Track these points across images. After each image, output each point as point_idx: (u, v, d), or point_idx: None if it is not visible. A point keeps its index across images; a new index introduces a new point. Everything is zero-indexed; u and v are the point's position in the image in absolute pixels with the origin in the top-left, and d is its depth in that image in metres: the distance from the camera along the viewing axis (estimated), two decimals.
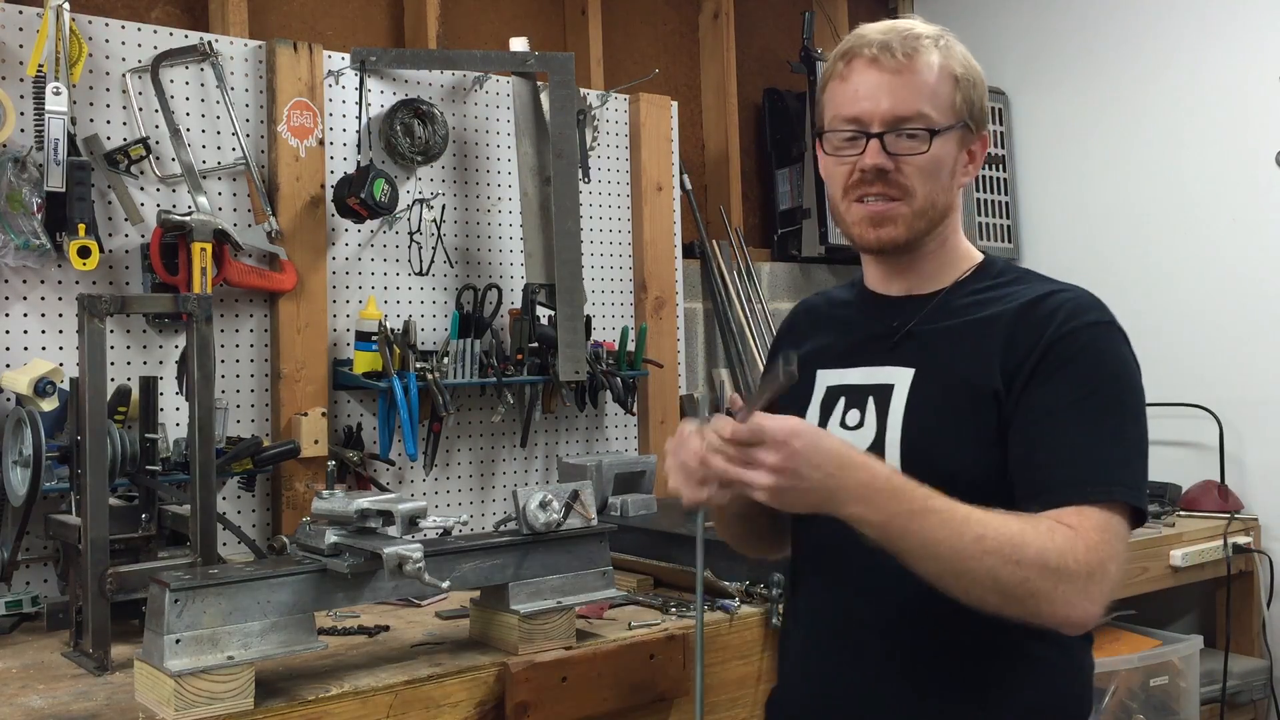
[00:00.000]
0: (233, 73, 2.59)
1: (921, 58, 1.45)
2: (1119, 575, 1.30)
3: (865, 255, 1.58)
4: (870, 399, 1.49)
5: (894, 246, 1.48)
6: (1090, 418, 1.36)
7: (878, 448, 1.45)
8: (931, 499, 1.27)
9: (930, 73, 1.45)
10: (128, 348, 2.46)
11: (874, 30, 1.48)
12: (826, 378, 1.56)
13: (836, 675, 1.50)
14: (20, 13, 2.35)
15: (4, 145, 2.28)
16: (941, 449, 1.42)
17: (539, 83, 2.96)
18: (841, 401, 1.52)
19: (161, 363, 2.49)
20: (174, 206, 2.49)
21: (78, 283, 2.37)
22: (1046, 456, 1.36)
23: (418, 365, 2.68)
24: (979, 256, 1.56)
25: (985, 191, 3.87)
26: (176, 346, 2.49)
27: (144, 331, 2.48)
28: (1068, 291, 1.46)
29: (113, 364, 2.34)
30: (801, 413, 1.54)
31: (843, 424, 1.50)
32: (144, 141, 2.45)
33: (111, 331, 2.38)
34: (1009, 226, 3.93)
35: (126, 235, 2.46)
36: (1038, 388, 1.39)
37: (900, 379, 1.47)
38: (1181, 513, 3.32)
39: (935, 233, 1.50)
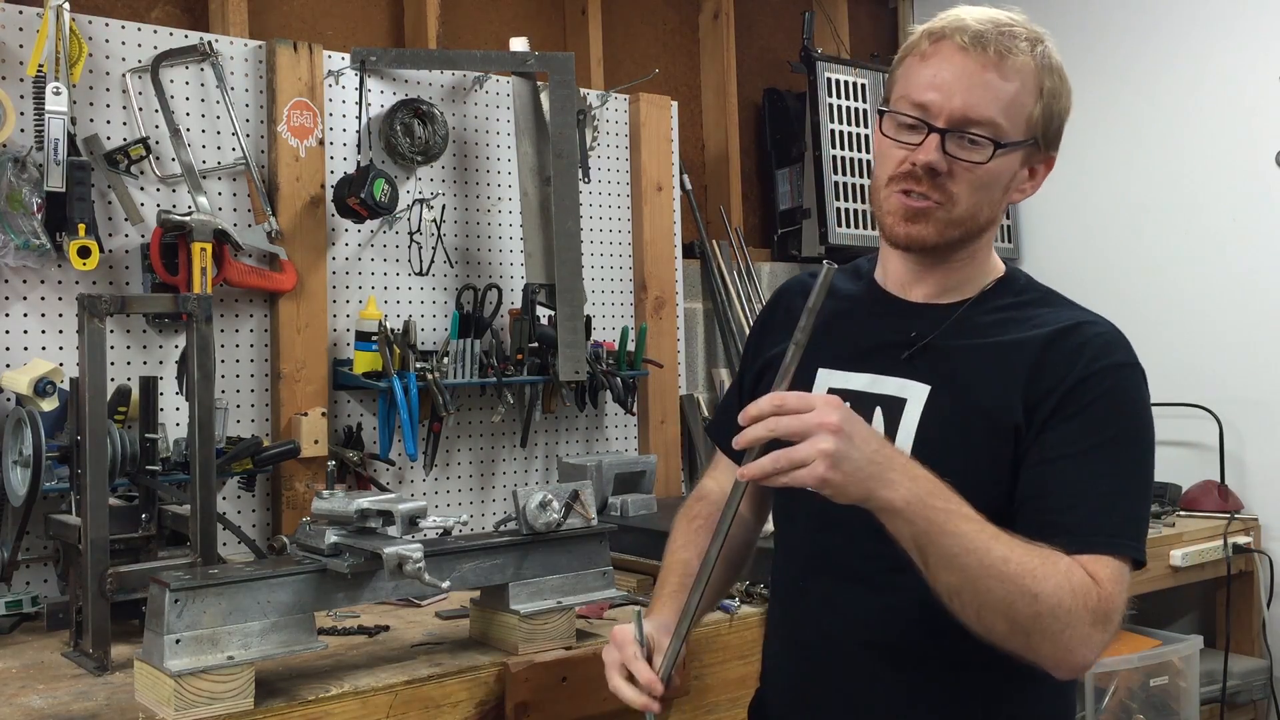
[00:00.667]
0: (233, 73, 2.59)
1: (1012, 60, 1.37)
2: (1119, 626, 1.29)
3: (888, 250, 1.52)
4: (878, 409, 1.43)
5: (921, 246, 1.42)
6: (1106, 466, 1.33)
7: None
8: (965, 505, 1.23)
9: (1016, 79, 1.37)
10: (128, 348, 2.46)
11: (972, 16, 1.39)
12: (829, 378, 1.49)
13: (821, 685, 1.49)
14: (20, 13, 2.35)
15: (4, 145, 2.28)
16: (952, 477, 1.34)
17: (539, 83, 2.96)
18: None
19: (161, 363, 2.49)
20: (174, 206, 2.49)
21: (78, 283, 2.37)
22: (1058, 500, 1.33)
23: (418, 365, 2.68)
24: (1002, 268, 1.51)
25: None
26: (176, 346, 2.49)
27: (144, 331, 2.48)
28: (1096, 325, 1.42)
29: (113, 364, 2.34)
30: None
31: None
32: (144, 141, 2.45)
33: (111, 331, 2.38)
34: (1009, 226, 3.93)
35: (126, 235, 2.46)
36: (1057, 427, 1.34)
37: (914, 394, 1.42)
38: (1181, 513, 3.32)
39: (969, 245, 1.44)
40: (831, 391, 1.48)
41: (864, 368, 1.47)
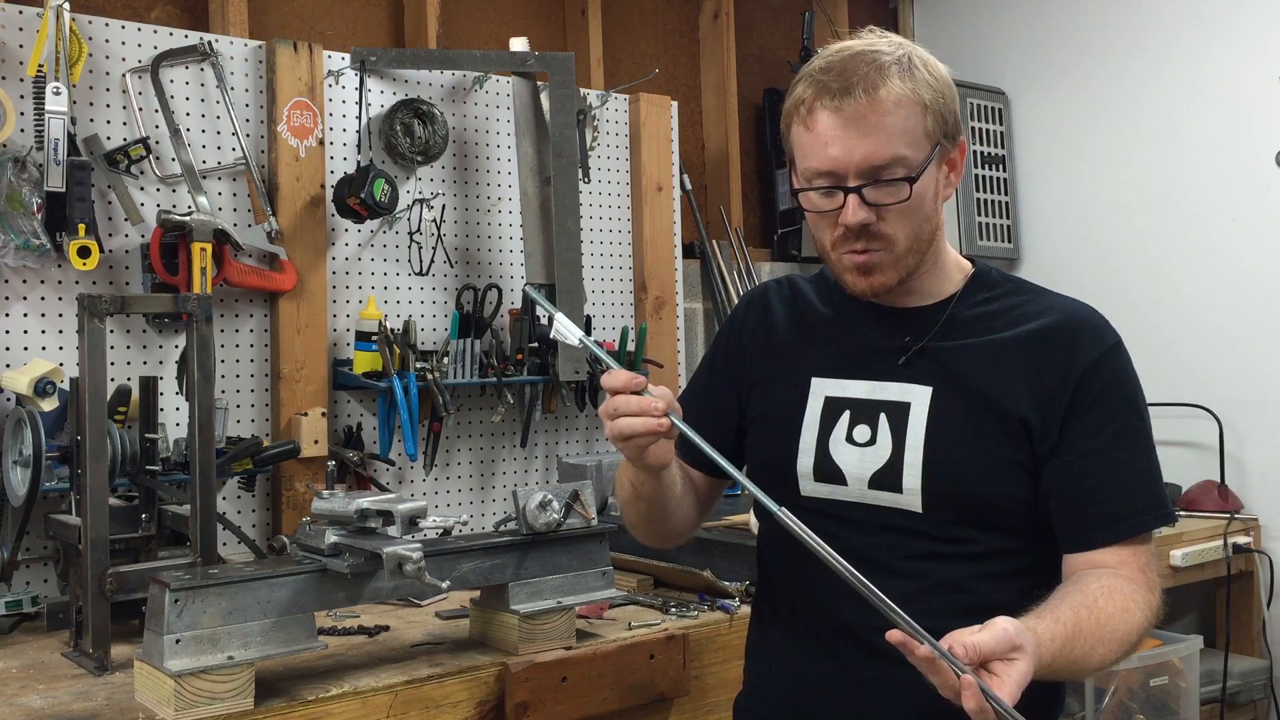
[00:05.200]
0: (233, 73, 2.59)
1: (886, 91, 1.36)
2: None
3: None
4: (883, 415, 1.46)
5: (886, 292, 1.46)
6: (1128, 450, 1.42)
7: (894, 467, 1.44)
8: (1061, 652, 1.27)
9: (899, 109, 1.37)
10: (128, 348, 2.46)
11: (833, 69, 1.39)
12: (824, 387, 1.51)
13: (837, 674, 1.49)
14: (20, 13, 2.35)
15: (4, 145, 2.28)
16: (968, 473, 1.42)
17: (539, 83, 2.96)
18: (846, 415, 1.49)
19: (161, 363, 2.49)
20: (174, 206, 2.49)
21: (78, 283, 2.37)
22: (1095, 494, 1.41)
23: (418, 365, 2.68)
24: (967, 265, 1.55)
25: (985, 191, 3.87)
26: (176, 346, 2.49)
27: (144, 331, 2.48)
28: (1078, 310, 1.48)
29: (113, 364, 2.35)
30: (796, 422, 1.51)
31: (849, 439, 1.48)
32: (144, 141, 2.45)
33: (111, 331, 2.38)
34: (1009, 226, 3.93)
35: (126, 235, 2.46)
36: (1077, 422, 1.41)
37: (917, 397, 1.45)
38: (1181, 513, 3.32)
39: (927, 256, 1.47)
40: (829, 400, 1.51)
41: (860, 375, 1.50)
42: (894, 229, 1.41)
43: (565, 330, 1.44)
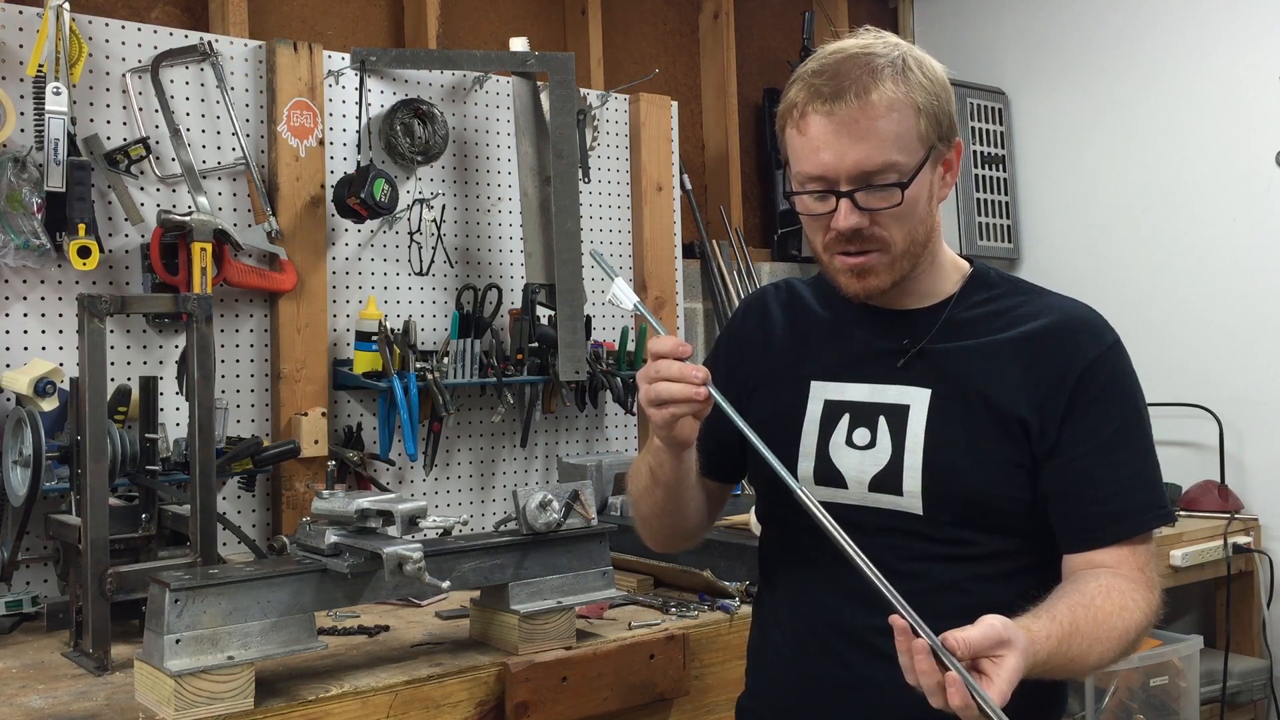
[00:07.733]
0: (233, 73, 2.59)
1: (879, 94, 1.35)
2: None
3: None
4: (882, 418, 1.46)
5: (880, 294, 1.45)
6: (1125, 451, 1.42)
7: (894, 469, 1.44)
8: (1057, 650, 1.27)
9: (892, 114, 1.35)
10: (128, 348, 2.46)
11: (825, 72, 1.37)
12: (823, 390, 1.51)
13: (837, 674, 1.49)
14: (20, 13, 2.35)
15: (4, 145, 2.28)
16: (968, 475, 1.41)
17: (539, 83, 2.96)
18: (845, 419, 1.49)
19: (161, 363, 2.49)
20: (174, 206, 2.49)
21: (78, 283, 2.37)
22: (1094, 493, 1.41)
23: (418, 365, 2.68)
24: (965, 265, 1.55)
25: (985, 191, 3.88)
26: (176, 346, 2.49)
27: (144, 331, 2.48)
28: (1076, 310, 1.48)
29: (113, 364, 2.34)
30: (796, 426, 1.51)
31: (849, 442, 1.48)
32: (144, 141, 2.45)
33: (111, 331, 2.38)
34: (1009, 226, 3.93)
35: (126, 235, 2.46)
36: (1076, 422, 1.41)
37: (916, 399, 1.45)
38: (1181, 513, 3.32)
39: (923, 260, 1.47)
40: (828, 404, 1.51)
41: (860, 378, 1.50)
42: (888, 231, 1.40)
43: (622, 294, 1.48)
